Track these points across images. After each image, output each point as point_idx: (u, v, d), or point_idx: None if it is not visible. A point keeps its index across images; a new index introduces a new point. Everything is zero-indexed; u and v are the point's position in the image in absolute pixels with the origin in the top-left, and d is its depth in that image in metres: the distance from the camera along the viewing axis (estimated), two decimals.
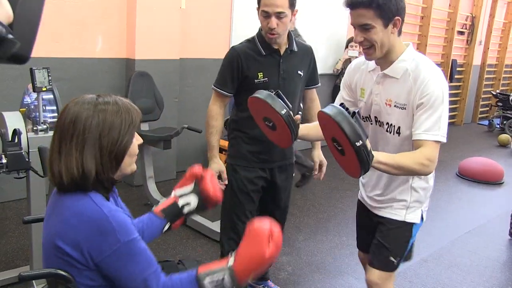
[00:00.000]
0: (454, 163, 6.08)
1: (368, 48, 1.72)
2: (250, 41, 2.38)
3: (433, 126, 1.66)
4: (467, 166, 5.69)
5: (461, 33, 9.08)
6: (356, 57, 5.71)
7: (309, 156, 2.57)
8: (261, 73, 2.33)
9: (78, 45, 4.11)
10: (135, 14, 4.25)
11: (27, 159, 2.23)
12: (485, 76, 10.04)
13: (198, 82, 4.95)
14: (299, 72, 2.41)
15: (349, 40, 5.97)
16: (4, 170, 2.13)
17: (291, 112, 1.78)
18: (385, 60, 1.78)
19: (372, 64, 1.86)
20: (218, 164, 2.41)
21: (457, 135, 8.47)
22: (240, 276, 1.30)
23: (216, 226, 3.29)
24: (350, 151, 1.46)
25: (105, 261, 1.25)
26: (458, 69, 9.08)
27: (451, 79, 8.82)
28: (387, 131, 1.84)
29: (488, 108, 10.38)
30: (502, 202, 4.75)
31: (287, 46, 2.36)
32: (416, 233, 1.94)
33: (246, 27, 5.07)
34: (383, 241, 1.90)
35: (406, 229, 1.90)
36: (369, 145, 1.50)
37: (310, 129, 2.03)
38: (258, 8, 2.25)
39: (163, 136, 3.80)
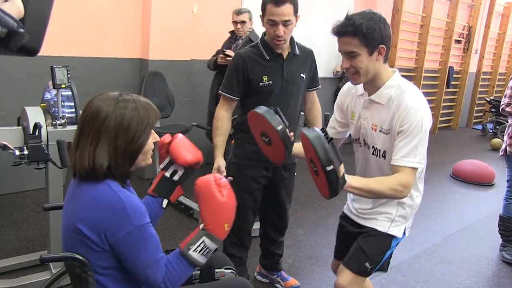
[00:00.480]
0: (448, 165, 6.08)
1: (354, 74, 1.71)
2: (254, 46, 2.37)
3: (410, 153, 1.64)
4: (461, 168, 5.69)
5: (458, 41, 9.05)
6: None
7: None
8: (266, 76, 2.32)
9: (95, 45, 4.14)
10: (150, 17, 4.29)
11: (46, 151, 2.26)
12: (480, 83, 10.02)
13: (207, 82, 4.94)
14: (302, 74, 2.40)
15: None
16: (25, 160, 2.16)
17: (287, 130, 1.74)
18: (371, 86, 1.76)
19: (361, 88, 1.83)
20: (217, 163, 2.35)
21: (452, 139, 8.46)
22: (216, 231, 1.34)
23: None
24: (322, 174, 1.45)
25: (119, 243, 1.27)
26: (454, 75, 9.06)
27: (447, 85, 8.81)
28: (373, 154, 1.82)
29: (482, 114, 10.35)
30: (492, 203, 4.73)
31: (290, 50, 2.35)
32: (395, 246, 1.92)
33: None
34: (363, 246, 1.87)
35: (386, 240, 1.87)
36: (342, 171, 1.48)
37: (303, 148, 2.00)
38: (263, 16, 2.24)
39: (174, 132, 3.80)
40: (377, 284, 2.91)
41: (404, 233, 1.90)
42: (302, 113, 2.70)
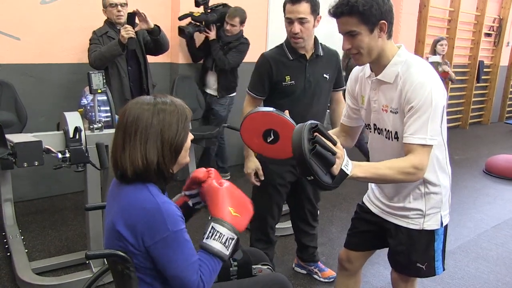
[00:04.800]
0: (481, 160, 5.93)
1: (356, 54, 1.63)
2: (279, 47, 2.44)
3: (420, 129, 1.54)
4: (494, 163, 5.54)
5: (488, 35, 8.82)
6: (438, 62, 5.63)
7: None
8: (288, 76, 2.37)
9: None
10: (179, 23, 4.34)
11: (86, 154, 2.33)
12: None
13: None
14: (325, 75, 2.45)
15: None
16: (67, 163, 2.23)
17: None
18: (377, 65, 1.67)
19: (368, 70, 1.74)
20: (253, 162, 2.45)
21: (484, 134, 8.25)
22: (221, 215, 1.38)
23: None
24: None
25: (154, 247, 1.31)
26: (485, 70, 8.82)
27: (478, 80, 8.59)
28: (386, 137, 1.72)
29: None
30: None
31: (313, 51, 2.40)
32: (442, 235, 1.79)
33: (281, 34, 5.08)
34: (407, 251, 1.79)
35: (426, 234, 1.76)
36: (338, 165, 1.43)
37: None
38: (285, 16, 2.30)
39: (205, 134, 3.87)
40: None
41: (442, 222, 1.76)
42: (328, 110, 2.74)
